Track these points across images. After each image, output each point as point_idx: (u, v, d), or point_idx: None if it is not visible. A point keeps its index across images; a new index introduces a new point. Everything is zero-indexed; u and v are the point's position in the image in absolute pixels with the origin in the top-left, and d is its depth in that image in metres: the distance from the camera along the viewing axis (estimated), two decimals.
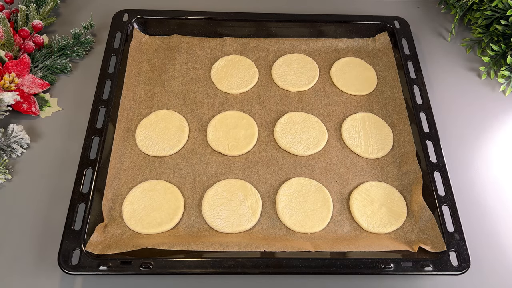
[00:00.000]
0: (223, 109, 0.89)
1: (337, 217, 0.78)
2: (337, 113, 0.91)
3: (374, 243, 0.74)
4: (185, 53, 0.97)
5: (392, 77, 0.95)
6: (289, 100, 0.92)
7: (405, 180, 0.82)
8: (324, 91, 0.94)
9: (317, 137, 0.86)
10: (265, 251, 0.71)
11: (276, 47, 1.00)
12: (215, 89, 0.93)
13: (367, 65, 0.98)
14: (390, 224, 0.77)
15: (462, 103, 0.96)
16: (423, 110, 0.88)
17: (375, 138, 0.87)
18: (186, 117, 0.88)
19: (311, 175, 0.82)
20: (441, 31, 1.09)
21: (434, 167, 0.80)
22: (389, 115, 0.91)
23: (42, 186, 0.79)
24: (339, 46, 1.01)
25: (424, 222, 0.76)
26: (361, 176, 0.83)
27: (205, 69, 0.95)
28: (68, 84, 0.93)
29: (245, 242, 0.72)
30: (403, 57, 0.96)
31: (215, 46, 0.99)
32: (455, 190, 0.78)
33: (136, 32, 0.97)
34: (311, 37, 1.01)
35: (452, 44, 1.07)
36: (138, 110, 0.88)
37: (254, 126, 0.87)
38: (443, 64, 1.02)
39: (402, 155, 0.85)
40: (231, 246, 0.71)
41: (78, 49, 0.96)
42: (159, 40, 0.98)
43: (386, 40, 1.00)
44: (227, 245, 0.71)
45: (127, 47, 0.94)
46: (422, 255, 0.72)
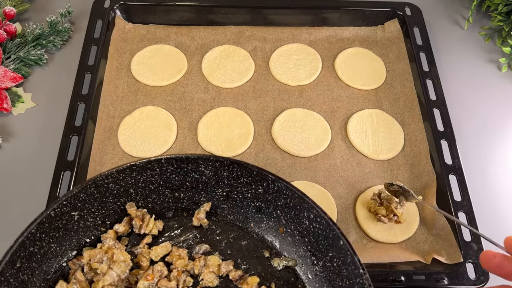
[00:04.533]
0: (215, 105, 0.89)
1: (342, 225, 0.78)
2: (342, 109, 0.91)
3: (383, 253, 0.73)
4: (173, 43, 0.97)
5: (402, 70, 0.95)
6: (288, 95, 0.92)
7: (418, 183, 0.82)
8: (327, 85, 0.94)
9: (320, 136, 0.86)
10: None
11: (274, 36, 0.99)
12: (207, 83, 0.92)
13: (375, 56, 0.98)
14: (401, 232, 0.77)
15: (480, 99, 0.96)
16: (437, 106, 0.88)
17: (384, 137, 0.87)
18: (174, 114, 0.88)
19: (313, 178, 0.82)
20: (457, 18, 1.09)
21: (449, 169, 0.80)
22: (399, 112, 0.91)
23: (14, 191, 0.79)
24: (344, 35, 1.01)
25: (438, 230, 0.76)
26: (368, 179, 0.83)
27: (195, 61, 0.95)
28: (43, 78, 0.93)
29: None
30: (415, 47, 0.95)
31: (206, 35, 0.98)
32: (472, 195, 0.78)
33: (119, 20, 0.96)
34: (313, 25, 1.01)
35: (469, 33, 1.06)
36: (120, 106, 0.88)
37: (250, 124, 0.87)
38: (459, 55, 1.02)
39: (414, 156, 0.85)
40: None
41: (54, 39, 0.96)
42: (143, 29, 0.98)
43: (396, 29, 1.00)
44: None
45: (108, 36, 0.94)
46: (436, 267, 0.72)
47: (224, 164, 0.65)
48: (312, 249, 0.63)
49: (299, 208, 0.63)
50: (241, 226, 0.69)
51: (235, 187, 0.67)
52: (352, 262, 0.56)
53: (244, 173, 0.65)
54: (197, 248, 0.67)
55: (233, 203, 0.69)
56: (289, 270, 0.65)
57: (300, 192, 0.61)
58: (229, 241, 0.68)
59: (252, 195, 0.67)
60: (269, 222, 0.67)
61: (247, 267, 0.66)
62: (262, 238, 0.68)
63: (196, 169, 0.66)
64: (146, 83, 0.91)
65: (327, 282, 0.61)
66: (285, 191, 0.63)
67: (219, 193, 0.69)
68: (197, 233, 0.69)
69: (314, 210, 0.60)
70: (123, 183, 0.65)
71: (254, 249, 0.67)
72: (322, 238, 0.61)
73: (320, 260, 0.62)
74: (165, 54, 0.95)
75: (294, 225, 0.65)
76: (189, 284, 0.64)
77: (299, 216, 0.63)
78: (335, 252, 0.59)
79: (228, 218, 0.69)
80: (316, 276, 0.63)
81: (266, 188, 0.65)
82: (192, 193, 0.69)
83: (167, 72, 0.92)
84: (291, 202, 0.63)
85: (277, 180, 0.63)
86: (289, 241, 0.66)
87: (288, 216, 0.65)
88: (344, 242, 0.57)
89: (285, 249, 0.66)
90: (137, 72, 0.92)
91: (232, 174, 0.66)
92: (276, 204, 0.65)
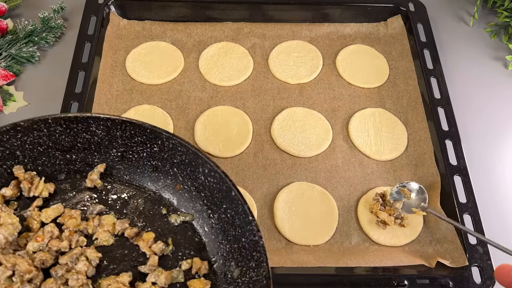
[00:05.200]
0: (212, 104, 0.89)
1: (344, 228, 0.78)
2: (344, 108, 0.90)
3: (386, 257, 0.73)
4: (169, 40, 0.96)
5: (406, 67, 0.94)
6: (288, 94, 0.92)
7: (421, 184, 0.80)
8: (328, 83, 0.94)
9: (321, 136, 0.86)
10: None
11: (273, 32, 0.99)
12: (204, 81, 0.92)
13: (377, 53, 0.98)
14: (404, 235, 0.76)
15: (486, 97, 0.96)
16: (441, 105, 0.88)
17: (387, 137, 0.87)
18: (170, 113, 0.87)
19: (314, 179, 0.82)
20: (462, 14, 1.09)
21: (454, 170, 0.80)
22: (403, 111, 0.91)
23: None
24: (346, 32, 1.01)
25: (442, 233, 0.76)
26: (371, 180, 0.82)
27: (192, 58, 0.95)
28: (35, 76, 0.93)
29: None
30: (419, 44, 0.95)
31: (203, 32, 0.98)
32: (478, 197, 0.78)
33: (113, 16, 0.96)
34: (313, 21, 1.01)
35: (475, 30, 1.06)
36: (115, 105, 0.88)
37: (249, 123, 0.87)
38: (464, 53, 1.02)
39: (417, 157, 0.85)
40: None
41: (47, 36, 0.96)
42: (139, 25, 0.98)
43: (400, 25, 1.00)
44: None
45: (102, 33, 0.93)
46: (441, 271, 0.72)
47: (116, 123, 0.65)
48: (208, 203, 0.66)
49: (194, 164, 0.65)
50: (138, 185, 0.70)
51: (129, 146, 0.68)
52: (243, 211, 0.60)
53: (138, 131, 0.65)
54: (91, 208, 0.67)
55: (129, 163, 0.69)
56: (186, 225, 0.68)
57: (194, 147, 0.63)
58: (125, 201, 0.69)
59: (147, 154, 0.68)
60: (166, 180, 0.69)
61: (144, 225, 0.68)
62: (159, 196, 0.69)
63: (87, 129, 0.66)
64: (142, 81, 0.91)
65: (222, 233, 0.64)
66: (180, 148, 0.64)
67: (114, 153, 0.69)
68: (92, 194, 0.69)
69: (208, 164, 0.63)
70: (8, 145, 0.64)
71: (151, 208, 0.69)
72: (217, 191, 0.64)
73: (215, 213, 0.65)
74: (161, 51, 0.95)
75: (190, 181, 0.67)
76: (83, 243, 0.64)
77: (194, 172, 0.65)
78: (228, 204, 0.63)
79: (124, 178, 0.70)
80: (212, 228, 0.66)
81: (161, 146, 0.66)
82: (85, 155, 0.69)
83: (163, 69, 0.92)
84: (186, 159, 0.65)
85: (171, 137, 0.64)
86: (186, 197, 0.68)
87: (185, 172, 0.67)
88: (235, 193, 0.60)
89: (183, 205, 0.68)
90: (132, 70, 0.92)
91: (126, 133, 0.66)
92: (172, 161, 0.67)
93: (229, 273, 0.62)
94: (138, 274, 0.63)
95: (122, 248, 0.66)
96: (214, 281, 0.64)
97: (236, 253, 0.62)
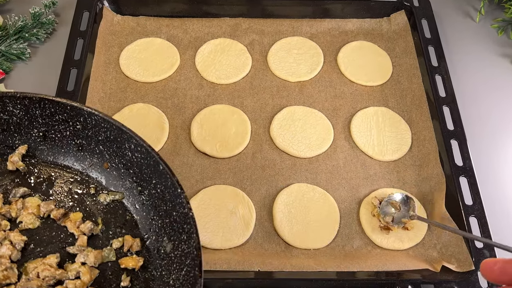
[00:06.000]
0: (209, 103, 0.89)
1: (345, 231, 0.77)
2: (345, 107, 0.90)
3: (389, 261, 0.73)
4: (164, 36, 0.96)
5: (410, 65, 0.94)
6: (288, 92, 0.91)
7: (426, 186, 0.81)
8: (329, 81, 0.94)
9: (321, 135, 0.86)
10: (259, 270, 0.70)
11: (272, 29, 0.99)
12: (201, 78, 0.92)
13: (380, 50, 0.98)
14: (408, 239, 0.76)
15: (492, 95, 0.95)
16: (446, 104, 0.88)
17: (390, 136, 0.87)
18: (165, 112, 0.87)
19: (314, 181, 0.82)
20: (468, 10, 1.09)
21: (459, 171, 0.80)
22: (406, 110, 0.90)
23: None
24: (348, 28, 1.01)
25: (447, 236, 0.75)
26: (373, 181, 0.82)
27: (189, 55, 0.95)
28: (26, 73, 0.93)
29: (236, 259, 0.71)
30: (423, 40, 0.95)
31: (200, 28, 0.98)
32: (484, 199, 0.77)
33: (107, 12, 0.96)
34: (314, 17, 1.01)
35: (481, 26, 1.06)
36: (108, 103, 0.87)
37: (247, 122, 0.87)
38: (470, 49, 1.02)
39: (422, 157, 0.85)
40: (220, 264, 0.70)
41: (38, 32, 0.95)
42: (133, 21, 0.98)
43: (403, 21, 0.99)
44: (215, 263, 0.70)
45: (96, 29, 0.93)
46: (446, 276, 0.71)
47: (33, 101, 0.65)
48: (137, 180, 0.67)
49: (120, 140, 0.65)
50: (63, 165, 0.70)
51: (51, 126, 0.67)
52: (171, 184, 0.60)
53: (58, 109, 0.65)
54: (14, 191, 0.67)
55: (52, 143, 0.69)
56: (116, 203, 0.68)
57: (118, 123, 0.63)
58: (50, 182, 0.69)
59: (71, 132, 0.68)
60: (92, 159, 0.69)
61: (72, 205, 0.68)
62: (87, 175, 0.70)
63: (3, 109, 0.66)
64: (136, 79, 0.91)
65: (153, 209, 0.65)
66: (103, 124, 0.65)
67: (35, 133, 0.69)
68: (14, 177, 0.69)
69: (133, 139, 0.63)
70: None
71: (78, 188, 0.69)
72: (145, 167, 0.64)
73: (145, 189, 0.66)
74: (156, 48, 0.94)
75: (118, 159, 0.67)
76: (6, 228, 0.64)
77: (121, 148, 0.66)
78: (158, 178, 0.63)
79: (48, 159, 0.70)
80: (143, 205, 0.67)
81: (84, 124, 0.66)
82: (4, 136, 0.69)
83: (159, 67, 0.92)
84: (111, 135, 0.65)
85: (93, 114, 0.64)
86: (115, 175, 0.69)
87: (111, 150, 0.67)
88: (163, 167, 0.61)
89: (112, 183, 0.69)
90: (126, 67, 0.92)
91: (45, 112, 0.66)
92: (97, 139, 0.67)
93: (162, 249, 0.63)
94: (67, 256, 0.64)
95: (50, 230, 0.66)
96: (147, 257, 0.65)
97: (168, 227, 0.63)
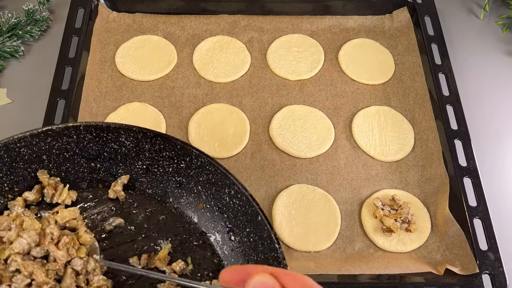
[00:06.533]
0: (207, 102, 0.89)
1: (346, 233, 0.77)
2: (346, 106, 0.90)
3: (391, 264, 0.73)
4: (161, 34, 0.96)
5: (412, 63, 0.94)
6: (287, 91, 0.91)
7: (429, 187, 0.81)
8: (330, 79, 0.93)
9: (322, 135, 0.86)
10: None
11: (272, 26, 0.99)
12: (198, 77, 0.92)
13: (382, 48, 0.98)
14: (411, 241, 0.76)
15: (497, 94, 0.95)
16: (450, 103, 0.87)
17: (393, 136, 0.87)
18: (162, 111, 0.87)
19: (315, 182, 0.82)
20: (472, 7, 1.08)
21: (463, 172, 0.80)
22: (409, 109, 0.90)
23: None
24: (349, 25, 1.01)
25: (451, 238, 0.75)
26: (375, 182, 0.82)
27: (186, 53, 0.95)
28: (20, 71, 0.93)
29: None
30: (426, 38, 0.95)
31: (197, 25, 0.98)
32: (489, 200, 0.77)
33: (102, 8, 0.96)
34: (314, 14, 1.01)
35: (486, 23, 1.06)
36: (104, 102, 0.87)
37: (246, 122, 0.87)
38: (474, 47, 1.02)
39: (425, 158, 0.84)
40: None
41: (32, 29, 0.95)
42: (129, 18, 0.98)
43: (406, 18, 0.99)
44: None
45: (91, 26, 0.93)
46: (449, 279, 0.71)
47: (147, 136, 0.66)
48: (230, 225, 0.66)
49: (220, 184, 0.65)
50: (160, 200, 0.70)
51: (156, 160, 0.68)
52: (268, 236, 0.60)
53: (168, 146, 0.66)
54: (111, 220, 0.67)
55: (153, 177, 0.70)
56: (206, 245, 0.68)
57: (223, 168, 0.64)
58: (146, 215, 0.69)
59: (173, 169, 0.68)
60: (189, 198, 0.69)
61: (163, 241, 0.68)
62: (181, 213, 0.70)
63: (116, 139, 0.67)
64: (132, 78, 0.91)
65: (243, 257, 0.65)
66: (208, 167, 0.65)
67: (139, 165, 0.70)
68: (113, 206, 0.69)
69: (235, 186, 0.63)
70: (36, 148, 0.65)
71: (171, 224, 0.69)
72: (241, 214, 0.64)
73: (237, 236, 0.65)
74: (152, 45, 0.94)
75: (214, 201, 0.67)
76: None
77: (219, 192, 0.66)
78: (253, 228, 0.63)
79: (146, 192, 0.71)
80: (232, 251, 0.66)
81: (188, 163, 0.67)
82: (110, 164, 0.70)
83: (155, 65, 0.92)
84: (213, 178, 0.66)
85: (200, 156, 0.65)
86: (208, 217, 0.68)
87: (209, 192, 0.67)
88: (262, 218, 0.61)
89: (203, 224, 0.69)
90: (122, 66, 0.91)
91: (155, 147, 0.67)
92: (198, 179, 0.68)
93: None
94: None
95: None
96: None
97: None
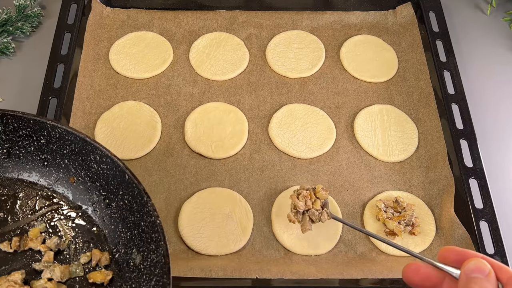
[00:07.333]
0: (204, 100, 0.89)
1: (348, 236, 0.77)
2: (348, 105, 0.90)
3: (395, 267, 0.73)
4: (157, 30, 0.96)
5: (417, 60, 0.94)
6: (287, 89, 0.91)
7: (434, 189, 0.81)
8: (331, 77, 0.93)
9: (323, 135, 0.86)
10: (257, 278, 0.70)
11: (271, 22, 0.99)
12: (195, 75, 0.92)
13: (385, 44, 0.98)
14: (415, 244, 0.76)
15: (504, 93, 0.95)
16: (455, 102, 0.87)
17: (396, 136, 0.86)
18: (158, 110, 0.87)
19: (316, 183, 0.80)
20: (478, 2, 1.08)
21: (469, 173, 0.80)
22: (413, 108, 0.90)
23: None
24: (351, 21, 1.00)
25: (457, 241, 0.75)
26: (378, 184, 0.82)
27: (182, 50, 0.95)
28: (10, 69, 0.93)
29: (232, 266, 0.71)
30: (431, 34, 0.95)
31: (194, 21, 0.98)
32: (495, 202, 0.77)
33: (96, 4, 0.96)
34: (315, 9, 1.01)
35: (492, 19, 1.06)
36: (97, 101, 0.87)
37: (244, 121, 0.86)
38: (480, 44, 1.02)
39: (429, 158, 0.84)
40: (215, 272, 0.70)
41: (23, 25, 0.95)
42: (124, 14, 0.98)
43: (410, 14, 0.99)
44: (210, 270, 0.70)
45: (84, 22, 0.93)
46: None
47: None
48: (104, 192, 0.68)
49: (85, 153, 0.66)
50: (29, 182, 0.71)
51: (15, 142, 0.68)
52: (138, 193, 0.62)
53: (21, 124, 0.66)
54: None
55: (17, 160, 0.70)
56: (84, 217, 0.69)
57: (82, 134, 0.65)
58: (15, 200, 0.70)
59: (35, 147, 0.69)
60: (58, 174, 0.70)
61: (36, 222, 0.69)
62: (53, 191, 0.71)
63: None
64: (127, 75, 0.91)
65: (122, 221, 0.66)
66: (67, 137, 0.66)
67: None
68: None
69: (98, 150, 0.64)
70: None
71: (45, 205, 0.70)
72: (112, 178, 0.66)
73: (113, 201, 0.67)
74: (148, 42, 0.94)
75: (84, 172, 0.68)
76: None
77: (86, 161, 0.67)
78: (124, 189, 0.64)
79: (12, 176, 0.71)
80: (111, 218, 0.68)
81: (48, 138, 0.67)
82: None
83: (150, 62, 0.92)
84: (76, 148, 0.66)
85: (56, 126, 0.65)
86: (81, 189, 0.70)
87: (76, 163, 0.68)
88: (129, 176, 0.62)
89: (78, 198, 0.70)
90: (117, 63, 0.92)
91: (9, 127, 0.67)
92: (62, 152, 0.68)
93: (131, 261, 0.64)
94: (34, 273, 0.65)
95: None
96: (116, 271, 0.66)
97: (137, 239, 0.64)
